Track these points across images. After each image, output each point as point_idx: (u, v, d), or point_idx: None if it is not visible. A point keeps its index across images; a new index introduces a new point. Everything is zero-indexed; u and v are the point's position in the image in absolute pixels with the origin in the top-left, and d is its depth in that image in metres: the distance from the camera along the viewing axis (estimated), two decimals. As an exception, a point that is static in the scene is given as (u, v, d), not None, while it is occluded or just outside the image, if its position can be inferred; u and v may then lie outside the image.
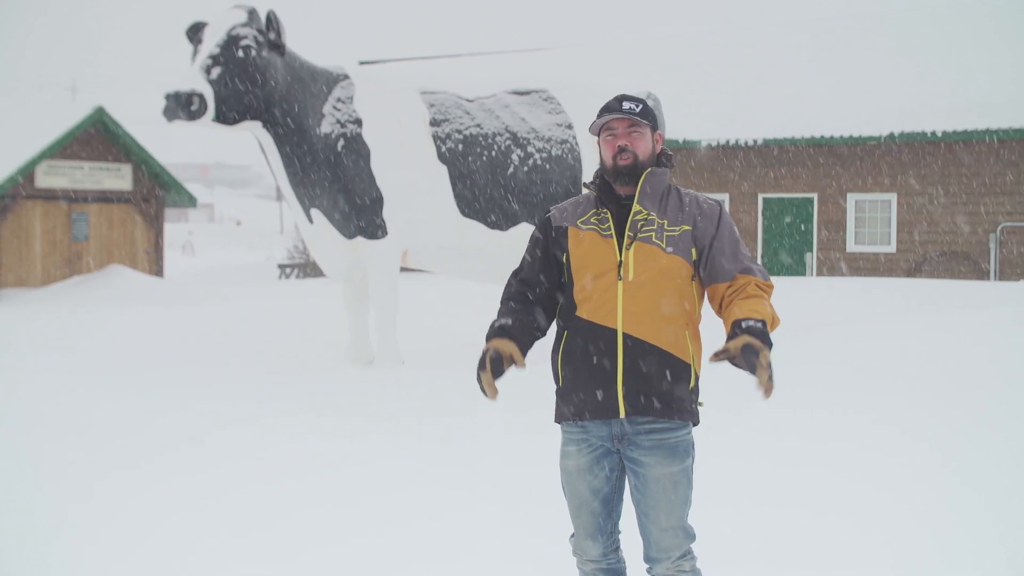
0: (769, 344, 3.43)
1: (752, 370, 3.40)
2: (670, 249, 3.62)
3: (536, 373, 7.64)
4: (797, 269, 22.39)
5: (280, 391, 8.75)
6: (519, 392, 7.67)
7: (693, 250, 3.66)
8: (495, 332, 3.70)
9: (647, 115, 3.71)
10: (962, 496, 5.66)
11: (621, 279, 3.59)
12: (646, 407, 3.58)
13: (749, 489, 5.78)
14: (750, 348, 3.39)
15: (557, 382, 3.76)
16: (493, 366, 3.61)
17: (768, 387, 3.38)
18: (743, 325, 3.46)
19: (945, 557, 4.98)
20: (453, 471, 6.30)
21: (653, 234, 3.62)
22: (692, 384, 3.66)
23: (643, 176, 3.67)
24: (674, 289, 3.62)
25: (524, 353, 3.72)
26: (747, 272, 3.65)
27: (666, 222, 3.65)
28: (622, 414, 3.59)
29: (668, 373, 3.59)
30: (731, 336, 3.49)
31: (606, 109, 3.73)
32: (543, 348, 10.09)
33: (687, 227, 3.65)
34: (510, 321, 3.73)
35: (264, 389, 8.86)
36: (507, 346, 3.65)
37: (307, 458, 6.61)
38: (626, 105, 3.70)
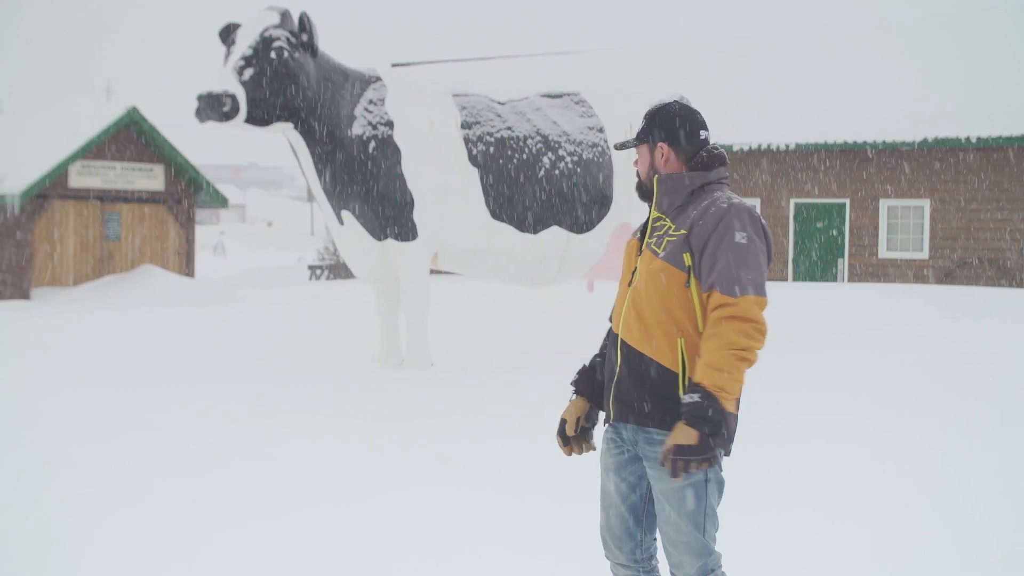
0: (710, 422, 3.28)
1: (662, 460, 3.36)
2: (662, 255, 3.52)
3: (553, 378, 7.59)
4: (828, 275, 22.26)
5: (307, 390, 8.76)
6: (537, 398, 7.67)
7: (686, 255, 3.49)
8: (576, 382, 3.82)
9: (643, 135, 3.68)
10: (963, 504, 5.63)
11: (631, 285, 3.60)
12: (623, 414, 3.57)
13: (764, 494, 5.73)
14: (680, 450, 3.29)
15: None
16: (567, 438, 3.76)
17: (668, 466, 3.34)
18: (684, 401, 3.34)
19: (956, 567, 4.94)
20: (471, 470, 6.30)
21: (655, 240, 3.58)
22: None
23: (654, 183, 3.63)
24: (663, 295, 3.50)
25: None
26: (719, 287, 3.39)
27: (674, 226, 3.56)
28: (612, 419, 3.62)
29: (653, 382, 3.50)
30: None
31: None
32: (558, 350, 10.02)
33: (684, 231, 3.51)
34: (584, 377, 3.82)
35: (289, 388, 8.89)
36: (574, 411, 3.76)
37: (320, 455, 6.65)
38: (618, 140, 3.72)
